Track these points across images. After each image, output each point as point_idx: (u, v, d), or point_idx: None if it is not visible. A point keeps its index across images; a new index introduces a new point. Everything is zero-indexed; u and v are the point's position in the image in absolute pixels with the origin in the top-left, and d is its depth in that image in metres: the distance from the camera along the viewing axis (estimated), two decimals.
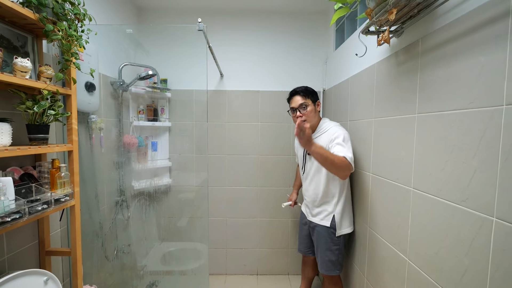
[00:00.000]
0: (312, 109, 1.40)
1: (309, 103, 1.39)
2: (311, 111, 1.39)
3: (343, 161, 1.20)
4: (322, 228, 1.42)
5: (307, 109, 1.38)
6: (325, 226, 1.40)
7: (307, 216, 1.54)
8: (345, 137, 1.29)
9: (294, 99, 1.43)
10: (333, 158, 1.19)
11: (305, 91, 1.41)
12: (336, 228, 1.38)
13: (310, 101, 1.40)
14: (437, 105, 0.84)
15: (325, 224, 1.41)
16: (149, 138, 2.03)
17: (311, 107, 1.40)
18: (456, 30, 0.77)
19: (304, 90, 1.41)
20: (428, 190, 0.88)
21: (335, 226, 1.39)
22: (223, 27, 2.07)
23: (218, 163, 2.14)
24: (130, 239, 1.76)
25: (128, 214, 1.75)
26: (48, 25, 0.88)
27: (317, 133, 1.42)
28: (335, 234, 1.39)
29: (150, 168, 1.96)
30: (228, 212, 2.18)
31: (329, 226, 1.39)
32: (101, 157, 1.50)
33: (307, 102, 1.39)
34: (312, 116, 1.40)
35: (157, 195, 2.02)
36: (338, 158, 1.20)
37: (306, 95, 1.40)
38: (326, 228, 1.40)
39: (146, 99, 1.98)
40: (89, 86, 1.29)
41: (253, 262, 2.21)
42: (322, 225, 1.41)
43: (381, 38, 0.87)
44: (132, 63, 1.73)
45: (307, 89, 1.42)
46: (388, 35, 0.84)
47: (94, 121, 1.40)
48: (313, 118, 1.41)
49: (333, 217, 1.39)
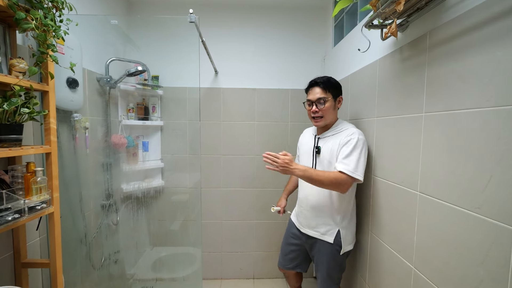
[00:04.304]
0: (331, 106, 1.22)
1: (329, 98, 1.22)
2: (329, 108, 1.22)
3: (335, 178, 1.09)
4: (324, 244, 1.24)
5: (325, 105, 1.21)
6: (328, 243, 1.23)
7: (300, 227, 1.35)
8: (357, 143, 1.14)
9: (313, 90, 1.25)
10: (320, 179, 1.08)
11: (326, 83, 1.22)
12: (342, 245, 1.22)
13: (330, 96, 1.22)
14: (447, 103, 0.78)
15: (327, 240, 1.23)
16: (140, 138, 1.93)
17: (330, 103, 1.22)
18: (469, 23, 0.71)
19: (326, 82, 1.22)
20: (436, 195, 0.82)
21: (340, 243, 1.21)
22: (217, 22, 1.98)
23: (212, 163, 2.06)
24: (118, 245, 1.66)
25: (117, 218, 1.65)
26: (19, 12, 0.79)
27: (330, 132, 1.26)
28: (339, 252, 1.22)
29: (141, 169, 1.86)
30: (223, 215, 2.10)
31: (332, 243, 1.22)
32: (86, 159, 1.40)
33: (327, 96, 1.21)
34: (329, 113, 1.23)
35: (148, 197, 1.93)
36: (328, 177, 1.09)
37: (327, 88, 1.22)
38: (329, 245, 1.23)
39: (136, 97, 1.89)
40: (71, 82, 1.19)
41: (249, 265, 2.14)
42: (324, 241, 1.24)
43: (388, 31, 0.80)
44: (120, 58, 1.63)
45: (329, 80, 1.24)
46: (395, 27, 0.77)
47: (78, 120, 1.30)
48: (330, 115, 1.24)
49: (338, 232, 1.22)
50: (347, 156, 1.13)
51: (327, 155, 1.23)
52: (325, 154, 1.24)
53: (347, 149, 1.14)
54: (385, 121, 1.12)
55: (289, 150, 2.12)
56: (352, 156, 1.13)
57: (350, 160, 1.12)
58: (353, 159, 1.13)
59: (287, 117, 2.05)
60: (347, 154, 1.14)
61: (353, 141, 1.15)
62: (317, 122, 1.26)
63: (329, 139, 1.25)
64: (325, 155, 1.24)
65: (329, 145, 1.23)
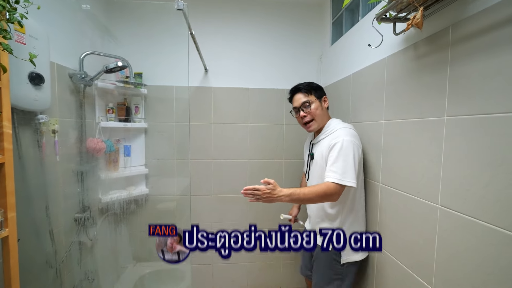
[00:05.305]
0: (317, 106, 1.20)
1: (313, 100, 1.21)
2: (316, 109, 1.20)
3: (324, 192, 1.02)
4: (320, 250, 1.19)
5: (311, 107, 1.20)
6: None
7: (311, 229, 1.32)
8: (343, 146, 1.07)
9: (296, 97, 1.24)
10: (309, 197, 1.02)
11: (307, 87, 1.23)
12: (341, 254, 1.14)
13: (314, 98, 1.21)
14: (476, 106, 0.69)
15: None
16: (121, 142, 1.74)
17: (316, 104, 1.21)
18: (504, 14, 0.62)
19: (306, 86, 1.23)
20: (464, 210, 0.72)
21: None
22: (206, 15, 1.82)
23: (202, 168, 1.90)
24: (96, 263, 1.47)
25: (94, 233, 1.46)
26: None
27: (321, 135, 1.22)
28: (338, 262, 1.14)
29: (122, 176, 1.68)
30: (214, 223, 1.95)
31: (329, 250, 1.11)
32: (55, 167, 1.21)
33: (311, 99, 1.21)
34: (318, 115, 1.20)
35: (130, 207, 1.75)
36: (316, 192, 1.02)
37: (309, 91, 1.22)
38: (324, 253, 1.17)
39: (116, 96, 1.70)
40: (34, 78, 1.00)
41: (242, 277, 2.00)
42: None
43: (411, 22, 0.70)
44: (97, 52, 1.44)
45: (309, 84, 1.24)
46: (421, 16, 0.67)
47: (45, 122, 1.11)
48: (320, 117, 1.21)
49: None
50: (333, 163, 1.07)
51: (319, 160, 1.18)
52: (317, 160, 1.20)
53: (333, 155, 1.08)
54: (395, 124, 1.02)
55: (284, 153, 2.04)
56: (338, 162, 1.06)
57: (337, 166, 1.06)
58: (339, 165, 1.05)
59: (282, 119, 1.93)
60: (333, 161, 1.07)
61: (338, 145, 1.08)
62: (309, 127, 1.23)
63: (320, 143, 1.20)
64: (317, 161, 1.20)
65: (320, 149, 1.19)
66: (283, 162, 1.96)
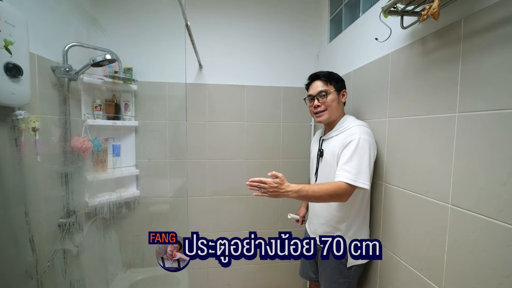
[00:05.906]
0: (334, 99, 1.12)
1: (331, 91, 1.12)
2: (332, 101, 1.12)
3: (334, 191, 0.96)
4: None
5: (328, 97, 1.12)
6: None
7: (311, 233, 1.25)
8: (359, 144, 1.01)
9: (313, 85, 1.16)
10: (318, 195, 0.96)
11: (327, 76, 1.14)
12: (348, 257, 1.10)
13: (333, 89, 1.13)
14: (491, 101, 0.66)
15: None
16: (110, 141, 1.64)
17: (333, 96, 1.12)
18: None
19: (326, 75, 1.14)
20: (478, 210, 0.70)
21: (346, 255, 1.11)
22: (202, 9, 1.75)
23: (197, 168, 1.82)
24: (83, 272, 1.37)
25: (80, 239, 1.36)
26: None
27: (334, 131, 1.14)
28: (345, 265, 1.11)
29: (111, 178, 1.57)
30: (209, 226, 1.87)
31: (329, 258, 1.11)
32: (36, 168, 1.11)
33: (329, 89, 1.12)
34: (333, 107, 1.12)
35: (120, 210, 1.64)
36: (326, 191, 0.96)
37: (329, 81, 1.13)
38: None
39: (104, 92, 1.59)
40: (11, 69, 0.90)
41: (238, 280, 1.94)
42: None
43: (427, 12, 0.66)
44: (83, 44, 1.34)
45: (330, 74, 1.15)
46: (438, 6, 0.63)
47: (24, 118, 1.01)
48: (334, 110, 1.13)
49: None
50: (347, 162, 1.00)
51: (329, 158, 1.12)
52: (327, 157, 1.13)
53: (348, 153, 1.01)
54: (401, 122, 1.00)
55: (281, 153, 1.99)
56: (353, 161, 1.00)
57: (351, 166, 0.99)
58: (353, 164, 0.99)
59: (279, 117, 1.89)
60: (347, 159, 1.01)
61: (354, 143, 1.01)
62: (320, 116, 1.14)
63: (332, 140, 1.13)
64: (327, 159, 1.13)
65: (331, 146, 1.12)
66: (280, 161, 1.91)
